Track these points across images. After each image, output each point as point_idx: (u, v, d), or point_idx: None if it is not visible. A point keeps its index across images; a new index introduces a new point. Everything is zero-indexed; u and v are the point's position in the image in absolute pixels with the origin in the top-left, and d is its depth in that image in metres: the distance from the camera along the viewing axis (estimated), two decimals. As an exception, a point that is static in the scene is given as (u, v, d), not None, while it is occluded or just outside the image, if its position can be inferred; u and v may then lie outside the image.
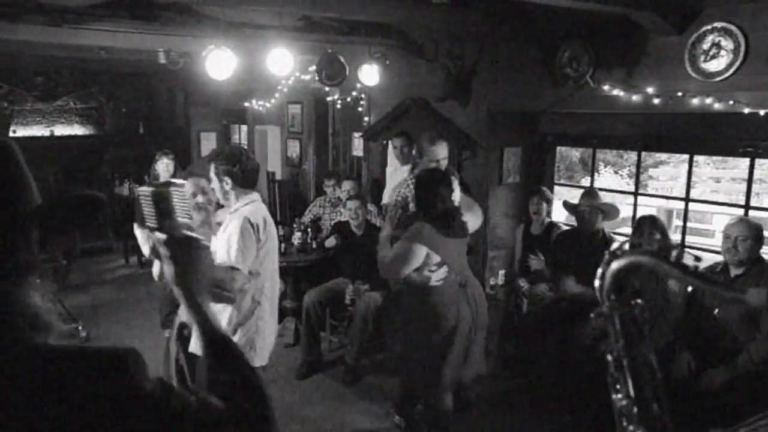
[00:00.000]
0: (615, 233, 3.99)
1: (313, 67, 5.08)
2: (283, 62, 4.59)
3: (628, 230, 5.07)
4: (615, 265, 0.73)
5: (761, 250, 3.17)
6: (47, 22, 3.93)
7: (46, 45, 5.32)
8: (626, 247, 0.74)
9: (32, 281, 0.88)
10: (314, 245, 5.03)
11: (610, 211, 4.03)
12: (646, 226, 3.54)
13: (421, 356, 3.17)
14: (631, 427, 0.70)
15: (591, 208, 3.98)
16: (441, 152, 3.64)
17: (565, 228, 4.53)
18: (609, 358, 0.73)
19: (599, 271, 0.75)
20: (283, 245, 4.74)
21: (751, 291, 2.92)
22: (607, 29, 3.83)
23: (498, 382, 4.15)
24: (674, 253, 0.73)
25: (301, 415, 3.92)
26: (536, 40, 4.29)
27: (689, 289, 3.39)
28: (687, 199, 4.32)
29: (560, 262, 4.08)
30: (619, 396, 0.72)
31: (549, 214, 4.55)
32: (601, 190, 4.36)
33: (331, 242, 4.89)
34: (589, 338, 3.72)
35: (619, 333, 0.73)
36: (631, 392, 0.71)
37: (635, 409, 0.70)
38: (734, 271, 3.14)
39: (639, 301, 0.74)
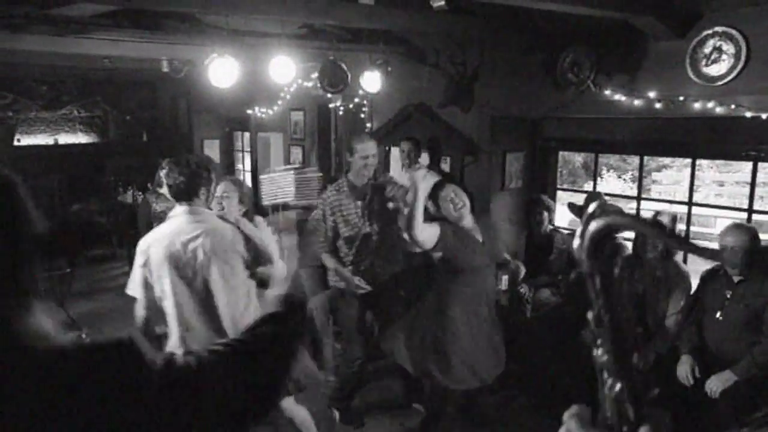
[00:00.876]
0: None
1: (316, 75, 5.11)
2: (286, 70, 4.61)
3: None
4: (593, 225, 0.75)
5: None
6: (52, 32, 3.97)
7: (51, 54, 5.37)
8: (605, 208, 0.77)
9: (33, 303, 0.91)
10: None
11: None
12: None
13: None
14: (610, 381, 0.73)
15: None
16: (371, 148, 3.65)
17: (567, 233, 4.52)
18: (589, 316, 0.76)
19: (578, 231, 0.77)
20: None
21: (727, 251, 2.99)
22: (608, 34, 3.84)
23: (501, 387, 4.13)
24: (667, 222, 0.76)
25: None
26: (538, 46, 4.30)
27: (691, 292, 3.39)
28: (690, 203, 4.31)
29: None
30: (599, 352, 0.75)
31: (551, 221, 4.54)
32: (604, 194, 4.35)
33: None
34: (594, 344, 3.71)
35: (599, 291, 0.75)
36: (611, 347, 0.74)
37: (615, 363, 0.74)
38: (736, 278, 3.12)
39: (618, 258, 0.77)
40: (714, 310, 3.16)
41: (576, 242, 0.77)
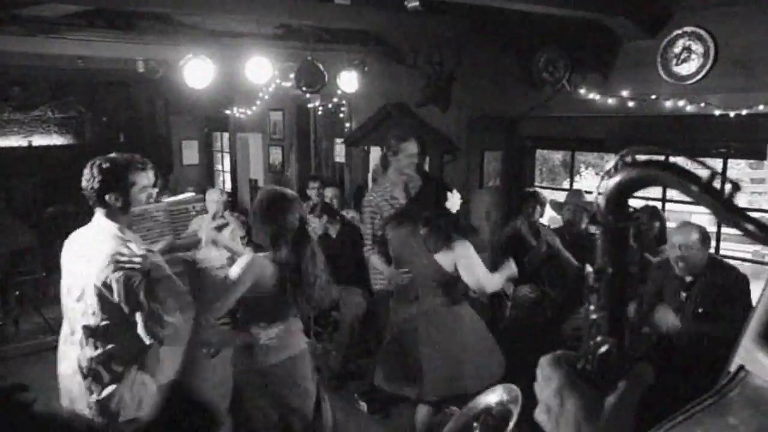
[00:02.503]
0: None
1: (293, 75, 5.09)
2: (262, 70, 4.59)
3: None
4: (620, 176, 0.69)
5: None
6: (23, 32, 3.90)
7: (22, 55, 5.27)
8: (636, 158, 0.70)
9: None
10: None
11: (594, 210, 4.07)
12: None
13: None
14: (599, 338, 0.71)
15: (576, 207, 4.01)
16: (414, 147, 3.64)
17: (553, 227, 4.56)
18: (589, 269, 0.73)
19: (600, 182, 0.72)
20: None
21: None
22: (582, 34, 3.90)
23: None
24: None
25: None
26: (513, 46, 4.34)
27: None
28: (664, 200, 4.40)
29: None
30: (593, 308, 0.73)
31: (541, 215, 4.56)
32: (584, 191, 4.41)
33: None
34: (572, 339, 3.76)
35: (608, 247, 0.72)
36: (607, 303, 0.72)
37: (609, 319, 0.71)
38: (687, 278, 3.11)
39: (637, 216, 0.74)
40: (672, 309, 3.14)
41: (595, 194, 0.72)
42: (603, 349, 0.71)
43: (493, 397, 1.67)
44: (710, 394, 0.79)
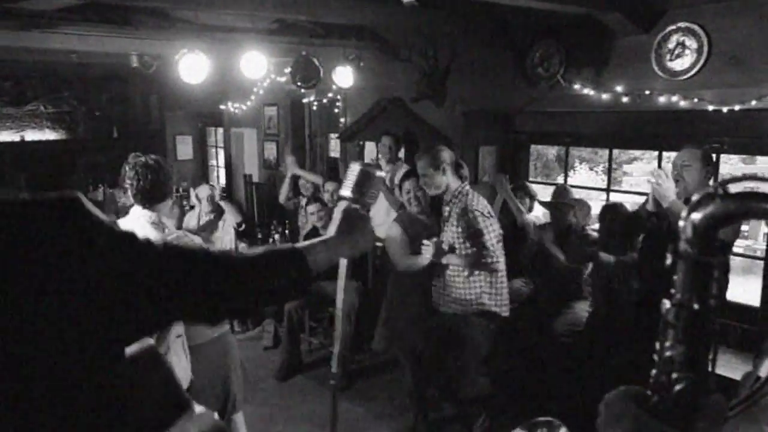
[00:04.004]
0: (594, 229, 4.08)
1: (288, 70, 5.09)
2: (257, 65, 4.59)
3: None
4: (714, 208, 0.66)
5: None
6: (15, 27, 3.88)
7: (15, 49, 5.24)
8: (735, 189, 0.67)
9: None
10: None
11: (580, 207, 4.12)
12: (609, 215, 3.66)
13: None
14: (677, 374, 0.68)
15: (562, 204, 4.09)
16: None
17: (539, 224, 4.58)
18: (668, 304, 0.70)
19: (688, 210, 0.68)
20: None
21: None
22: (576, 30, 3.91)
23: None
24: None
25: (283, 415, 3.93)
26: (508, 41, 4.35)
27: None
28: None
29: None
30: (669, 343, 0.69)
31: (531, 209, 4.57)
32: (575, 187, 4.43)
33: None
34: (564, 333, 3.79)
35: (692, 281, 0.68)
36: (688, 339, 0.68)
37: (688, 355, 0.68)
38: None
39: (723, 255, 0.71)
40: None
41: (682, 221, 0.68)
42: (681, 386, 0.67)
43: None
44: (740, 399, 0.79)
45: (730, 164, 8.17)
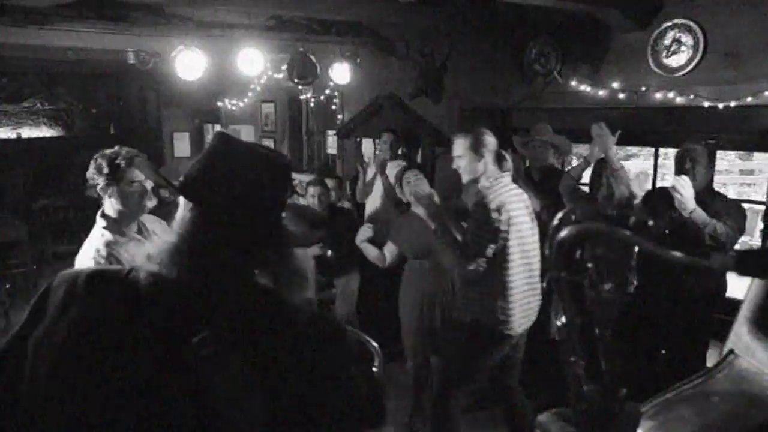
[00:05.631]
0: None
1: (285, 66, 5.08)
2: (254, 62, 4.58)
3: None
4: (562, 234, 0.75)
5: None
6: (11, 23, 3.87)
7: (12, 46, 5.22)
8: (571, 216, 0.76)
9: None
10: None
11: (562, 146, 3.89)
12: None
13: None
14: (585, 387, 0.74)
15: (541, 143, 3.83)
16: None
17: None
18: (558, 323, 0.77)
19: (548, 242, 0.77)
20: None
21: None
22: (573, 26, 3.91)
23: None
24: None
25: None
26: (505, 37, 4.36)
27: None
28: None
29: None
30: (573, 358, 0.76)
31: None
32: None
33: (313, 251, 4.21)
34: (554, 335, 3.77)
35: (569, 301, 0.75)
36: (583, 352, 0.75)
37: (587, 368, 0.74)
38: None
39: (589, 265, 0.76)
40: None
41: (546, 251, 0.76)
42: (590, 399, 0.74)
43: None
44: (701, 374, 0.84)
45: (727, 160, 8.20)
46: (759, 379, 0.80)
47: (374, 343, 1.25)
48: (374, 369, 1.24)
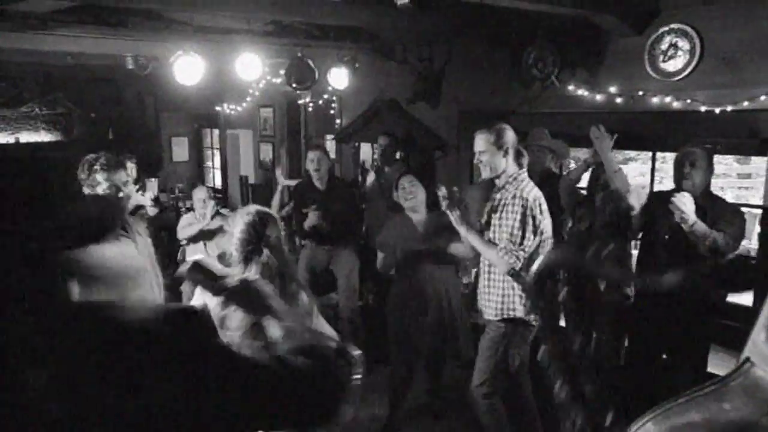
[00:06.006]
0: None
1: (284, 71, 5.09)
2: (252, 66, 4.59)
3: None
4: (535, 266, 0.76)
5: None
6: (10, 28, 3.87)
7: (10, 50, 5.23)
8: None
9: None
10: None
11: (560, 150, 3.90)
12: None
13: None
14: (572, 413, 0.74)
15: (539, 147, 3.83)
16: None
17: None
18: (542, 351, 0.76)
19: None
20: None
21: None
22: (570, 31, 3.93)
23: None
24: None
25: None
26: (503, 42, 4.37)
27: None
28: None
29: None
30: (555, 389, 0.76)
31: None
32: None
33: (311, 220, 4.09)
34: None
35: (546, 327, 0.75)
36: (564, 377, 0.74)
37: (566, 396, 0.74)
38: None
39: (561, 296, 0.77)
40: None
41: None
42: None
43: None
44: (715, 381, 0.84)
45: (724, 164, 8.21)
46: None
47: (357, 351, 1.20)
48: (355, 377, 1.17)
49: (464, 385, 3.11)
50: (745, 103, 3.22)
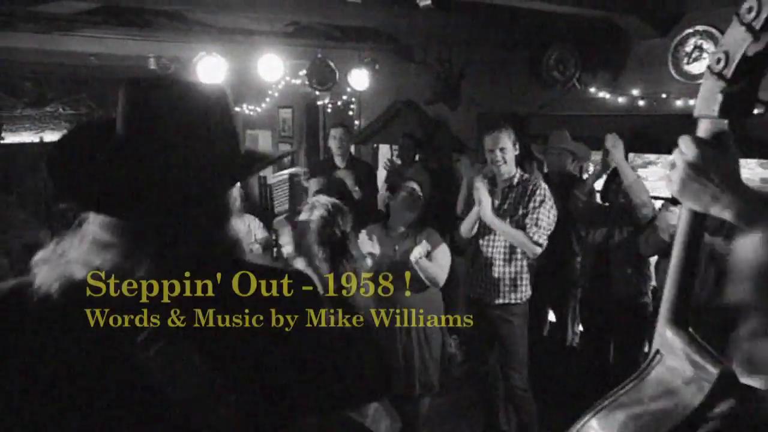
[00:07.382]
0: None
1: (304, 72, 5.12)
2: (274, 68, 4.62)
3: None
4: None
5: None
6: (37, 30, 3.94)
7: (36, 51, 5.32)
8: None
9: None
10: None
11: (580, 153, 3.90)
12: None
13: None
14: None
15: (560, 150, 3.84)
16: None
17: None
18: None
19: None
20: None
21: None
22: (592, 33, 3.90)
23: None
24: None
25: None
26: (523, 44, 4.35)
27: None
28: (675, 200, 4.38)
29: None
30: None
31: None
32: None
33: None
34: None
35: None
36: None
37: None
38: None
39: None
40: None
41: None
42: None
43: None
44: (632, 378, 0.88)
45: (748, 169, 8.08)
46: (680, 371, 0.85)
47: None
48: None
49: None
50: (772, 107, 3.16)
